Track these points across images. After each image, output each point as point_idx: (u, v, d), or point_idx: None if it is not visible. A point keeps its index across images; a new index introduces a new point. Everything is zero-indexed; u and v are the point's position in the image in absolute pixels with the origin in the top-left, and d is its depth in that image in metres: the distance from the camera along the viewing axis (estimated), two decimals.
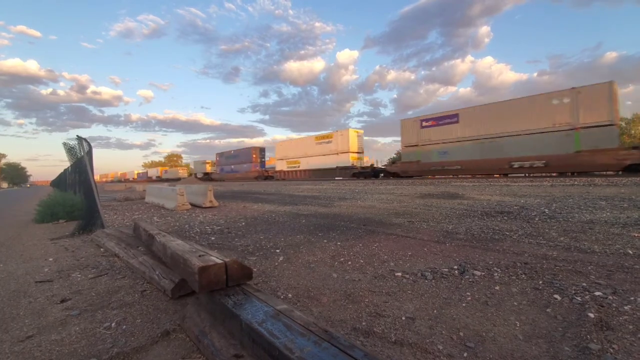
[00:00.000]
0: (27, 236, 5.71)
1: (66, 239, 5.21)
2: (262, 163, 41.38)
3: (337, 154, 30.23)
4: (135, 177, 79.28)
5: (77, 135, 6.80)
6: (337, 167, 29.92)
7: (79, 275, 3.19)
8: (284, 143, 39.02)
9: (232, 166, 45.16)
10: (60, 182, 18.75)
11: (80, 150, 7.00)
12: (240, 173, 43.05)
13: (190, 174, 61.73)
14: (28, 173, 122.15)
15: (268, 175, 39.40)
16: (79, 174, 8.27)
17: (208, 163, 53.74)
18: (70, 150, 7.89)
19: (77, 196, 8.58)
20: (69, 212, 7.66)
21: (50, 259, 3.90)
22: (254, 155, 40.84)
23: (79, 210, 7.38)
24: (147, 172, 75.75)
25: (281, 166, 37.86)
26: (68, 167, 12.53)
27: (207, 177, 51.47)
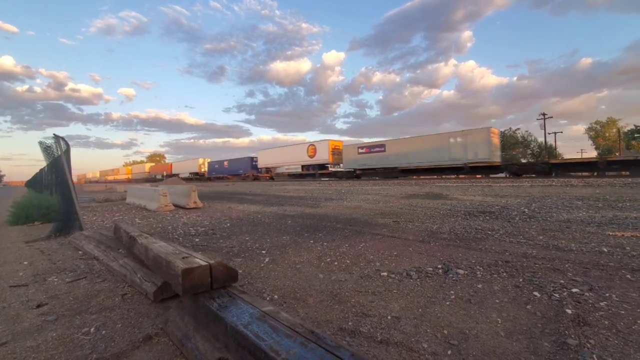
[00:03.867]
0: None
1: (42, 242, 5.00)
2: None
3: None
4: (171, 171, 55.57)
5: (54, 134, 6.56)
6: None
7: (55, 279, 3.07)
8: None
9: None
10: (35, 182, 18.00)
11: (57, 150, 6.74)
12: None
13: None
14: (2, 173, 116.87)
15: None
16: (55, 174, 7.96)
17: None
18: (46, 149, 7.58)
19: (53, 197, 8.26)
20: (44, 213, 7.37)
21: (25, 263, 3.73)
22: None
23: (55, 211, 7.10)
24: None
25: None
26: (44, 167, 12.04)
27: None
